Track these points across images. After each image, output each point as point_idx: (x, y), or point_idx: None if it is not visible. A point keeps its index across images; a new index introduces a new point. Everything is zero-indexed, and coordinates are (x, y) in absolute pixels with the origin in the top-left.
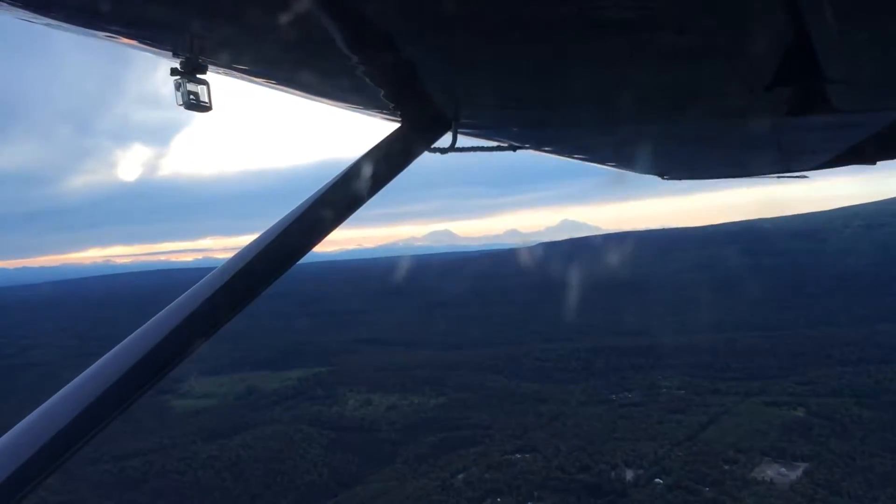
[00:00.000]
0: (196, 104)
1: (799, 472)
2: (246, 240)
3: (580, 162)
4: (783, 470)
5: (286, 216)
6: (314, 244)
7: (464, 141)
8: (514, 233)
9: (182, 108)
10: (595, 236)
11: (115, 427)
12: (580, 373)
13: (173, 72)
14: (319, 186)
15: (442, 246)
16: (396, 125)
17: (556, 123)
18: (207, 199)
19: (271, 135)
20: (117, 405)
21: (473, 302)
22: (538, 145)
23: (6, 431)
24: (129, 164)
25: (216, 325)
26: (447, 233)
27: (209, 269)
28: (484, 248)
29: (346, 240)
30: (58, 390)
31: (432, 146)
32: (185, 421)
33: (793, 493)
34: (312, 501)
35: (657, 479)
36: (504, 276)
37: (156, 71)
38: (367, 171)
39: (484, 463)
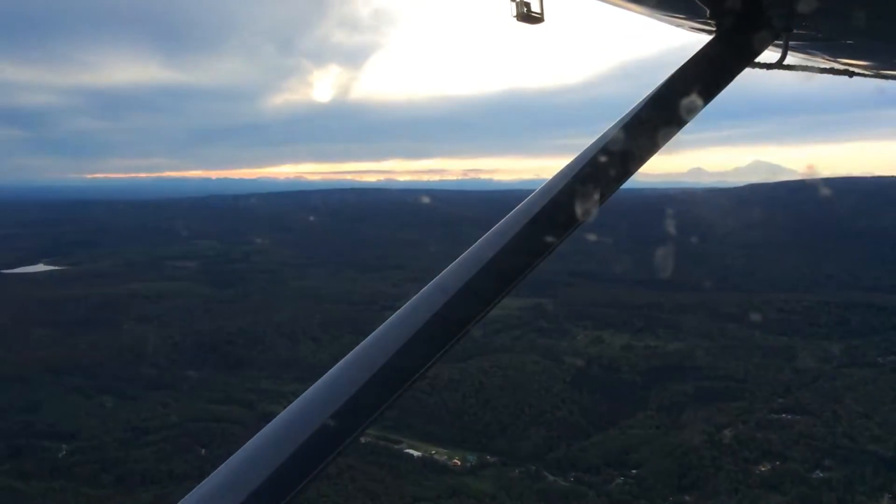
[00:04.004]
0: (528, 15)
1: None
2: (428, 164)
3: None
4: None
5: (589, 147)
6: (625, 178)
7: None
8: (698, 171)
9: (515, 20)
10: (809, 179)
11: None
12: (833, 329)
13: None
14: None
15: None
16: (709, 37)
17: None
18: (393, 122)
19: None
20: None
21: (683, 241)
22: (884, 65)
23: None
24: (324, 85)
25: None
26: None
27: (391, 191)
28: (670, 186)
29: (522, 169)
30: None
31: (755, 61)
32: None
33: None
34: (566, 439)
35: None
36: (708, 215)
37: None
38: (681, 92)
39: (752, 420)
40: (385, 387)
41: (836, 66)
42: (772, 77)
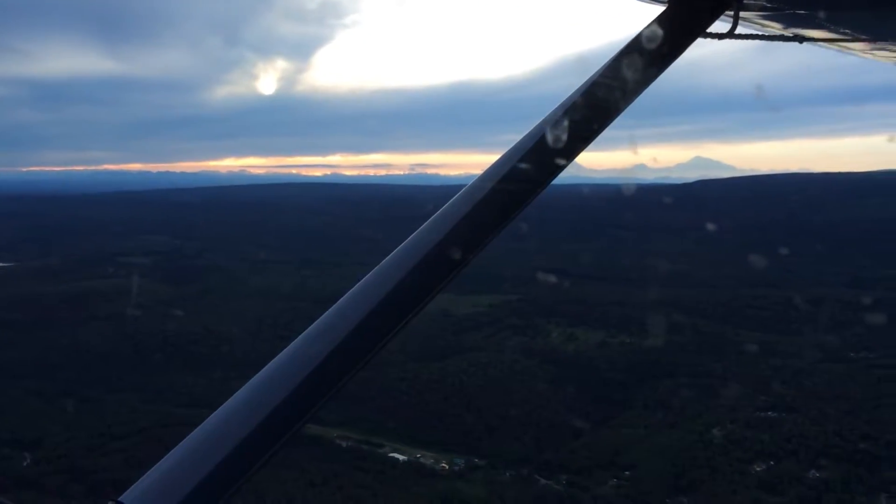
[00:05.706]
0: None
1: None
2: (374, 158)
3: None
4: None
5: (529, 133)
6: (570, 158)
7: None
8: (642, 167)
9: None
10: (757, 175)
11: None
12: (802, 325)
13: None
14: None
15: (568, 177)
16: (661, 8)
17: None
18: (339, 115)
19: (413, 50)
20: (352, 364)
21: (642, 237)
22: (835, 30)
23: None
24: (269, 78)
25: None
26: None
27: (337, 185)
28: (619, 182)
29: (471, 164)
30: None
31: (706, 31)
32: None
33: None
34: (555, 440)
35: None
36: (660, 210)
37: None
38: (632, 64)
39: (740, 419)
40: (325, 380)
41: (787, 34)
42: (710, 73)
